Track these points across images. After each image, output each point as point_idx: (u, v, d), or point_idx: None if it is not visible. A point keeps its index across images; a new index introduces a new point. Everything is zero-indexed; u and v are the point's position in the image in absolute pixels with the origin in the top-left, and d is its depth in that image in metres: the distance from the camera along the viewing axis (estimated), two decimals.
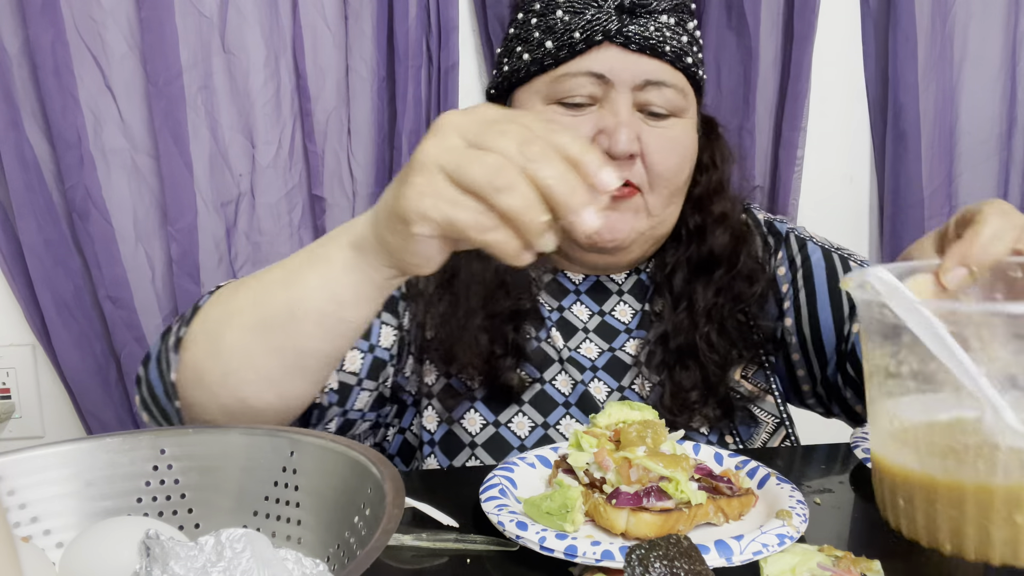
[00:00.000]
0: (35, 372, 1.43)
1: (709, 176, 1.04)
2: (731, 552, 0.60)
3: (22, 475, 0.56)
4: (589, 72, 0.93)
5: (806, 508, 0.67)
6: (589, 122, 0.95)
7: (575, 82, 0.94)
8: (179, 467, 0.58)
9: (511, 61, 1.00)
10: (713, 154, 1.05)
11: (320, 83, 1.37)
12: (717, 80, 1.43)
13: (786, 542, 0.62)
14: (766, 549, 0.61)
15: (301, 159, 1.39)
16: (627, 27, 0.93)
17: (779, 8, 1.44)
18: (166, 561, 0.46)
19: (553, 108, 0.96)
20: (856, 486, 0.76)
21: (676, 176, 0.97)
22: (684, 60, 0.96)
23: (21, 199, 1.29)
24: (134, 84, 1.32)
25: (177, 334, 0.77)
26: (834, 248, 1.09)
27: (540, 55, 0.96)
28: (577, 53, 0.94)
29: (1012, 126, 1.51)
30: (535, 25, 0.97)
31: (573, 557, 0.60)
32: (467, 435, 0.96)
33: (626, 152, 0.92)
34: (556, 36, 0.95)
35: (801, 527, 0.64)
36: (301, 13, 1.34)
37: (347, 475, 0.54)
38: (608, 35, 0.93)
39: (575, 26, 0.94)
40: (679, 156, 0.97)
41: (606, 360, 1.00)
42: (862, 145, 1.56)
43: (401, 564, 0.63)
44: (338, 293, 0.68)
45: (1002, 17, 1.48)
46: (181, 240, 1.34)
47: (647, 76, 0.94)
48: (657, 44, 0.94)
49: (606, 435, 0.72)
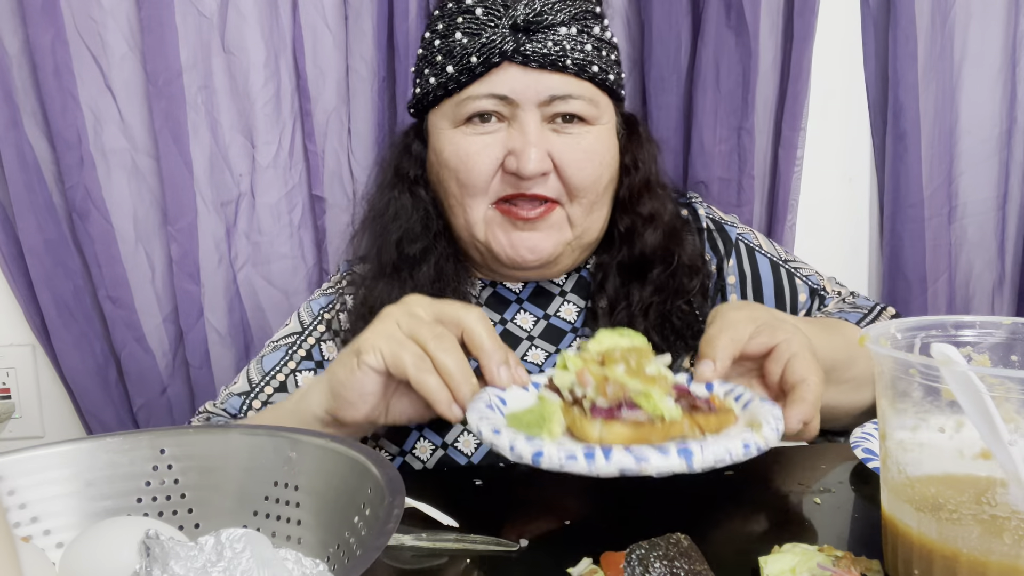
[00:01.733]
0: (35, 372, 1.43)
1: (632, 177, 1.03)
2: (691, 455, 0.59)
3: (22, 475, 0.56)
4: (491, 95, 0.94)
5: (781, 423, 0.66)
6: (499, 142, 0.95)
7: (479, 104, 0.95)
8: (179, 467, 0.58)
9: (421, 83, 1.01)
10: (635, 155, 1.04)
11: (320, 83, 1.37)
12: (716, 80, 1.43)
13: (751, 449, 0.62)
14: (729, 455, 0.60)
15: (301, 159, 1.39)
16: (523, 46, 0.92)
17: (779, 8, 1.44)
18: (166, 561, 0.46)
19: (462, 130, 0.97)
20: (856, 486, 0.76)
21: (595, 185, 0.97)
22: (589, 70, 0.95)
23: (21, 199, 1.29)
24: (134, 84, 1.32)
25: None
26: (782, 261, 1.09)
27: (443, 79, 0.96)
28: (477, 76, 0.94)
29: (1012, 126, 1.51)
30: (438, 48, 0.98)
31: (539, 458, 0.61)
32: (419, 463, 0.97)
33: (536, 172, 0.92)
34: (455, 60, 0.95)
35: (771, 438, 0.64)
36: (301, 13, 1.34)
37: (347, 475, 0.54)
38: (505, 55, 0.93)
39: (472, 49, 0.94)
40: (594, 165, 0.96)
41: (553, 363, 0.99)
42: (862, 145, 1.56)
43: (401, 564, 0.63)
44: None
45: (1002, 17, 1.48)
46: (181, 240, 1.34)
47: (551, 91, 0.94)
48: (557, 59, 0.93)
49: (593, 359, 0.72)
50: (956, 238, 1.54)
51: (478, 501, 0.75)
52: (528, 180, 0.94)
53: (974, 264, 1.55)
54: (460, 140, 0.96)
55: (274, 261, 1.40)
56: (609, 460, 0.59)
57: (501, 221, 0.97)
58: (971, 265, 1.55)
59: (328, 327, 1.05)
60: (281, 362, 1.03)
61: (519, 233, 0.96)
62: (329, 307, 1.07)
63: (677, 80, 1.41)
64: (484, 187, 0.96)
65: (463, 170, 0.96)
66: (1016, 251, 1.55)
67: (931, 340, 0.59)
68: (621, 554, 0.57)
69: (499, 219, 0.97)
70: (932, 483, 0.52)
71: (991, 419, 0.48)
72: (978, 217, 1.54)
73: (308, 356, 1.03)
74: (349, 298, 1.05)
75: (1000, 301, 1.56)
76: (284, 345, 1.04)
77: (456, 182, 0.97)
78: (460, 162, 0.96)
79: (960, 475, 0.52)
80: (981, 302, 1.56)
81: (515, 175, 0.94)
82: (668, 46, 1.39)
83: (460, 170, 0.96)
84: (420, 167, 1.05)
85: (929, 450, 0.53)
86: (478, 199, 0.97)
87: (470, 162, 0.95)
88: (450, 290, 1.00)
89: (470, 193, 0.97)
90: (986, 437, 0.49)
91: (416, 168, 1.04)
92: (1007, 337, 0.60)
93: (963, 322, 0.61)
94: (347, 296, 1.05)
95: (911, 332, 0.60)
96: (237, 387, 1.02)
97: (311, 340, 1.04)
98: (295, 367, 1.02)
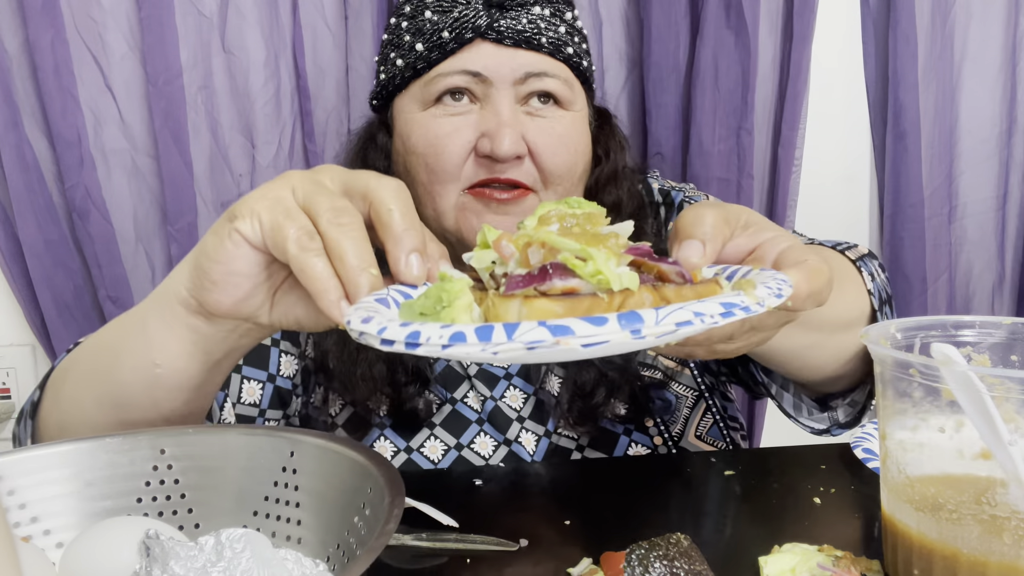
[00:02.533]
0: (35, 372, 1.43)
1: (602, 168, 1.00)
2: (641, 322, 0.40)
3: (22, 475, 0.56)
4: (464, 71, 0.90)
5: (786, 285, 0.47)
6: (470, 125, 0.90)
7: (450, 81, 0.90)
8: (179, 467, 0.58)
9: (386, 68, 0.97)
10: (608, 146, 1.01)
11: (320, 83, 1.37)
12: (716, 80, 1.43)
13: (736, 313, 0.42)
14: (700, 319, 0.41)
15: (301, 159, 1.39)
16: (497, 22, 0.89)
17: (778, 8, 1.44)
18: (166, 561, 0.46)
19: (431, 112, 0.92)
20: (856, 486, 0.76)
21: (569, 172, 0.93)
22: (564, 51, 0.92)
23: (21, 199, 1.29)
24: (134, 84, 1.32)
25: (32, 397, 0.78)
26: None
27: (412, 59, 0.92)
28: (449, 53, 0.90)
29: (1012, 126, 1.51)
30: (405, 28, 0.94)
31: (416, 339, 0.43)
32: (377, 418, 0.94)
33: (511, 154, 0.88)
34: (425, 37, 0.91)
35: (768, 300, 0.44)
36: (301, 13, 1.34)
37: (347, 475, 0.54)
38: (479, 31, 0.89)
39: (443, 25, 0.90)
40: (569, 152, 0.92)
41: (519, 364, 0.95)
42: (862, 145, 1.56)
43: (401, 564, 0.63)
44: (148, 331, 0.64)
45: (1002, 17, 1.48)
46: (181, 240, 1.34)
47: (527, 69, 0.90)
48: (532, 36, 0.90)
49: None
50: (956, 238, 1.54)
51: (478, 501, 0.75)
52: (502, 163, 0.88)
53: (974, 264, 1.55)
54: (430, 123, 0.91)
55: None
56: (512, 337, 0.41)
57: (474, 205, 0.91)
58: (971, 265, 1.55)
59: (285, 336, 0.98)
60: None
61: (492, 216, 0.91)
62: None
63: (676, 80, 1.41)
64: (455, 172, 0.90)
65: (432, 155, 0.90)
66: (1016, 251, 1.55)
67: (931, 340, 0.59)
68: (621, 554, 0.57)
69: (471, 203, 0.91)
70: (932, 483, 0.52)
71: (991, 419, 0.48)
72: (978, 217, 1.54)
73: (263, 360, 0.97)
74: None
75: (1000, 301, 1.57)
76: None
77: (425, 168, 0.91)
78: (429, 146, 0.90)
79: (960, 475, 0.52)
80: (981, 302, 1.56)
81: (488, 158, 0.89)
82: (667, 46, 1.39)
83: (429, 155, 0.90)
84: (386, 159, 0.98)
85: (929, 450, 0.53)
86: (449, 186, 0.91)
87: (440, 145, 0.90)
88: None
89: (440, 179, 0.91)
90: (986, 437, 0.49)
91: (382, 160, 0.98)
92: (1007, 337, 0.60)
93: (963, 322, 0.61)
94: None
95: (911, 332, 0.60)
96: None
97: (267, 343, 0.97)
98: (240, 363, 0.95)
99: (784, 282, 0.48)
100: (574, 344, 0.40)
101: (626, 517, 0.72)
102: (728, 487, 0.77)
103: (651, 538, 0.54)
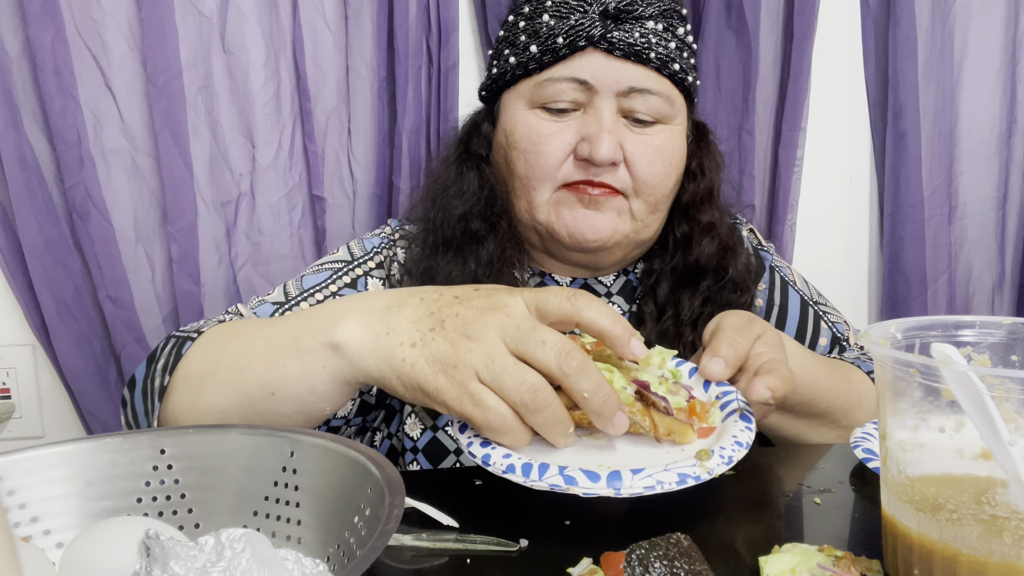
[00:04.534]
0: (35, 372, 1.43)
1: (697, 184, 1.02)
2: (620, 482, 0.60)
3: (22, 475, 0.56)
4: (572, 78, 0.93)
5: (738, 451, 0.65)
6: (572, 128, 0.94)
7: (558, 87, 0.93)
8: (179, 467, 0.58)
9: (499, 63, 1.00)
10: (702, 161, 1.03)
11: (320, 83, 1.37)
12: (717, 80, 1.43)
13: (688, 482, 0.61)
14: (660, 485, 0.60)
15: (301, 159, 1.39)
16: (611, 33, 0.92)
17: (779, 7, 1.44)
18: (166, 561, 0.46)
19: (536, 112, 0.95)
20: (856, 486, 0.76)
21: (662, 184, 0.96)
22: (671, 67, 0.95)
23: (21, 199, 1.29)
24: (134, 84, 1.32)
25: (161, 380, 0.79)
26: (813, 302, 1.08)
27: (525, 59, 0.95)
28: (561, 58, 0.93)
29: (1012, 126, 1.51)
30: (522, 28, 0.97)
31: (488, 465, 0.63)
32: (453, 442, 0.96)
33: (608, 159, 0.91)
34: (540, 40, 0.94)
35: (717, 469, 0.63)
36: (301, 13, 1.34)
37: (347, 475, 0.54)
38: (592, 40, 0.92)
39: (559, 31, 0.93)
40: (664, 164, 0.95)
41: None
42: (862, 145, 1.56)
43: (401, 564, 0.63)
44: (316, 388, 0.69)
45: (1002, 17, 1.48)
46: (181, 240, 1.34)
47: (632, 83, 0.93)
48: (642, 50, 0.92)
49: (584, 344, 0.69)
50: (956, 238, 1.54)
51: (478, 501, 0.75)
52: (599, 167, 0.92)
53: (974, 264, 1.55)
54: (534, 122, 0.95)
55: (274, 261, 1.40)
56: (542, 477, 0.62)
57: (567, 198, 0.95)
58: (971, 265, 1.55)
59: (380, 266, 1.03)
60: (323, 283, 1.00)
61: (584, 211, 0.95)
62: (382, 248, 1.05)
63: None
64: (552, 172, 0.95)
65: (533, 152, 0.95)
66: (1016, 251, 1.55)
67: (931, 340, 0.59)
68: (621, 554, 0.57)
69: (565, 197, 0.95)
70: (932, 483, 0.52)
71: (991, 419, 0.48)
72: (978, 217, 1.54)
73: (352, 284, 1.01)
74: (401, 251, 1.03)
75: (1000, 301, 1.57)
76: (329, 269, 1.02)
77: (524, 163, 0.96)
78: (531, 144, 0.95)
79: (960, 475, 0.52)
80: (981, 302, 1.56)
81: (587, 161, 0.92)
82: None
83: (530, 152, 0.95)
84: (487, 147, 1.03)
85: (929, 450, 0.53)
86: (545, 183, 0.96)
87: (541, 144, 0.94)
88: (505, 272, 0.99)
89: (537, 176, 0.95)
90: (986, 437, 0.49)
91: (484, 147, 1.03)
92: (1007, 337, 0.60)
93: (963, 322, 0.61)
94: (398, 248, 1.04)
95: (911, 332, 0.60)
96: (272, 297, 0.99)
97: (359, 271, 1.02)
98: (336, 291, 1.00)
99: (738, 447, 0.65)
100: (576, 491, 0.62)
101: (626, 517, 0.72)
102: (728, 487, 0.77)
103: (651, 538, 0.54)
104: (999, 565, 0.48)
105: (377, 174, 1.41)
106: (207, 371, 0.76)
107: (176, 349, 0.81)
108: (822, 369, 0.89)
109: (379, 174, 1.41)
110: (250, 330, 0.76)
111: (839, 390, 0.89)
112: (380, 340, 0.65)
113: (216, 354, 0.77)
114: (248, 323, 0.81)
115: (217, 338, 0.79)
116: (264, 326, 0.75)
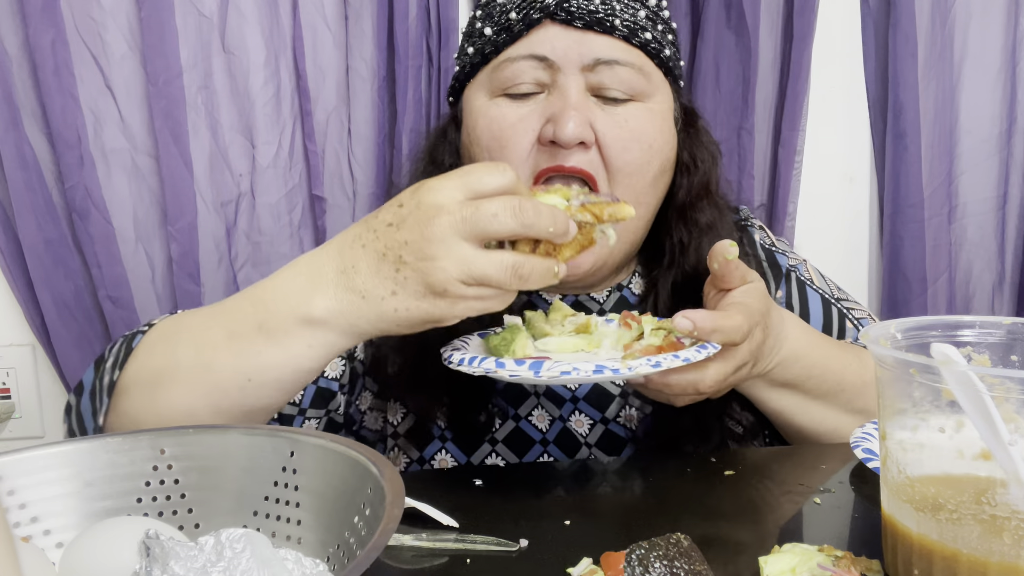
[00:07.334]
0: (35, 372, 1.43)
1: (691, 179, 0.92)
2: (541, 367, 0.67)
3: (22, 475, 0.56)
4: (530, 55, 0.84)
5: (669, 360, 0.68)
6: (536, 112, 0.85)
7: (517, 67, 0.85)
8: (179, 467, 0.58)
9: (460, 59, 0.94)
10: (693, 152, 0.93)
11: (320, 83, 1.37)
12: (716, 80, 1.43)
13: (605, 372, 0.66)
14: (576, 372, 0.66)
15: (301, 159, 1.39)
16: (568, 1, 0.83)
17: (778, 8, 1.44)
18: (166, 561, 0.46)
19: (497, 101, 0.87)
20: (856, 486, 0.76)
21: (640, 170, 0.86)
22: (641, 35, 0.85)
23: (21, 199, 1.29)
24: (134, 84, 1.32)
25: (111, 377, 0.75)
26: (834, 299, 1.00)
27: (481, 44, 0.88)
28: (517, 36, 0.85)
29: (1012, 126, 1.51)
30: (478, 17, 0.91)
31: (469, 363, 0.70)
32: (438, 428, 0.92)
33: (575, 138, 0.81)
34: (494, 21, 0.87)
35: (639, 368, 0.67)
36: (301, 13, 1.34)
37: (347, 475, 0.54)
38: (547, 11, 0.83)
39: (511, 6, 0.85)
40: (642, 148, 0.85)
41: (587, 389, 0.91)
42: (862, 145, 1.56)
43: (401, 564, 0.63)
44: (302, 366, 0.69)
45: (1002, 17, 1.48)
46: (181, 240, 1.34)
47: (596, 55, 0.83)
48: (604, 18, 0.83)
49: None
50: (956, 238, 1.54)
51: (478, 501, 0.75)
52: (566, 149, 0.83)
53: (974, 264, 1.55)
54: (495, 112, 0.86)
55: (274, 261, 1.40)
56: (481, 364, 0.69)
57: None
58: (971, 265, 1.55)
59: None
60: None
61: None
62: None
63: None
64: (520, 165, 0.85)
65: (497, 147, 0.86)
66: (1016, 251, 1.55)
67: (931, 340, 0.59)
68: (621, 554, 0.57)
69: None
70: (932, 483, 0.52)
71: (991, 419, 0.48)
72: (978, 217, 1.54)
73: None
74: None
75: (1000, 301, 1.57)
76: None
77: (489, 160, 0.87)
78: (493, 138, 0.86)
79: (960, 475, 0.52)
80: (981, 302, 1.56)
81: (553, 144, 0.83)
82: None
83: (494, 148, 0.86)
84: (455, 155, 0.95)
85: (929, 450, 0.53)
86: None
87: (504, 136, 0.85)
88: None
89: None
90: (986, 437, 0.49)
91: (451, 156, 0.94)
92: (1007, 337, 0.60)
93: (963, 322, 0.61)
94: None
95: (911, 332, 0.60)
96: None
97: None
98: None
99: (675, 357, 0.68)
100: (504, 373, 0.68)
101: (626, 517, 0.72)
102: (728, 487, 0.77)
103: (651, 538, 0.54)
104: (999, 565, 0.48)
105: (377, 174, 1.41)
106: (163, 367, 0.72)
107: (125, 345, 0.77)
108: (830, 344, 0.86)
109: (379, 174, 1.41)
110: (199, 319, 0.74)
111: (848, 364, 0.84)
112: (361, 306, 0.65)
113: (170, 348, 0.73)
114: (192, 314, 0.77)
115: (166, 332, 0.76)
116: (214, 314, 0.73)
